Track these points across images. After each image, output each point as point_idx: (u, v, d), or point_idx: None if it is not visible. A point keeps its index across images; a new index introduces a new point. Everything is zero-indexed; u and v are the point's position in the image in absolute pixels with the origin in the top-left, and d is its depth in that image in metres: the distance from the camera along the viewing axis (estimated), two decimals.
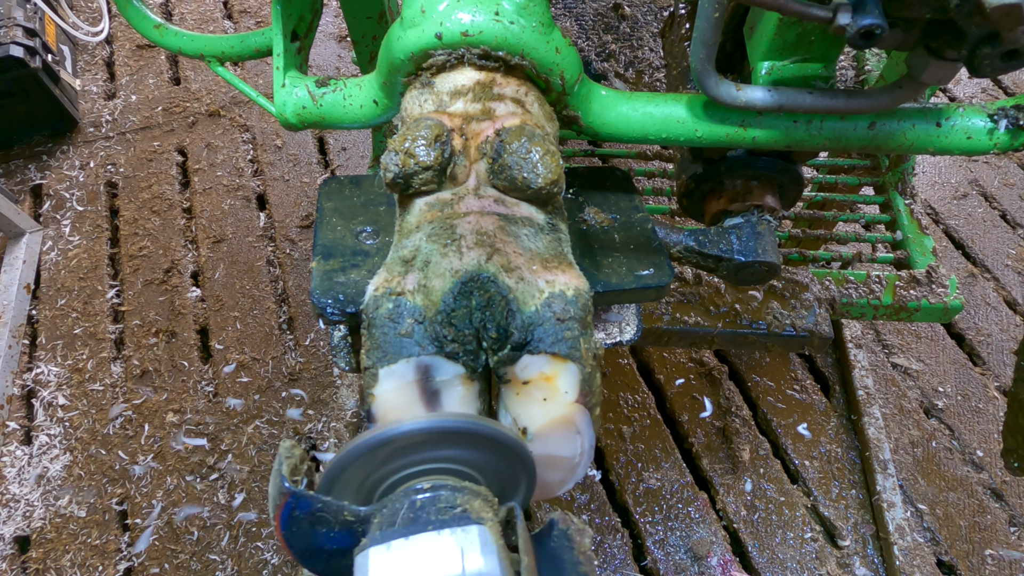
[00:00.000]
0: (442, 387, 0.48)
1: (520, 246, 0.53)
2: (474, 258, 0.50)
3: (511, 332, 0.48)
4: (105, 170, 1.93)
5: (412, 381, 0.48)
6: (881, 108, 0.65)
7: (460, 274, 0.49)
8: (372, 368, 0.49)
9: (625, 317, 0.64)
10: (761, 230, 0.78)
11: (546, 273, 0.52)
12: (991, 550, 1.40)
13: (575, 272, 0.53)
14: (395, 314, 0.49)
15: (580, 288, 0.52)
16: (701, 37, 0.60)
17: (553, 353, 0.48)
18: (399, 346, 0.48)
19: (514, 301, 0.49)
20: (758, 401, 1.55)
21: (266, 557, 1.36)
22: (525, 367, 0.49)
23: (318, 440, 1.50)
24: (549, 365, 0.49)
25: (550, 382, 0.49)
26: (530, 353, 0.48)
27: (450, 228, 0.53)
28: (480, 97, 0.59)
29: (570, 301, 0.50)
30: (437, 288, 0.49)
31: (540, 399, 0.49)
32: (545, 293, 0.50)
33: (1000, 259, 1.80)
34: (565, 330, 0.49)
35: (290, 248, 1.79)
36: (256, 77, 2.14)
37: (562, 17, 2.10)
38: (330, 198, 0.67)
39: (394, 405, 0.48)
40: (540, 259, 0.53)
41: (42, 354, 1.63)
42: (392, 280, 0.51)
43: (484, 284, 0.49)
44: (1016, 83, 2.17)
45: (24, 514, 1.42)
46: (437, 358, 0.48)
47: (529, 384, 0.49)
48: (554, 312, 0.49)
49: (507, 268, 0.50)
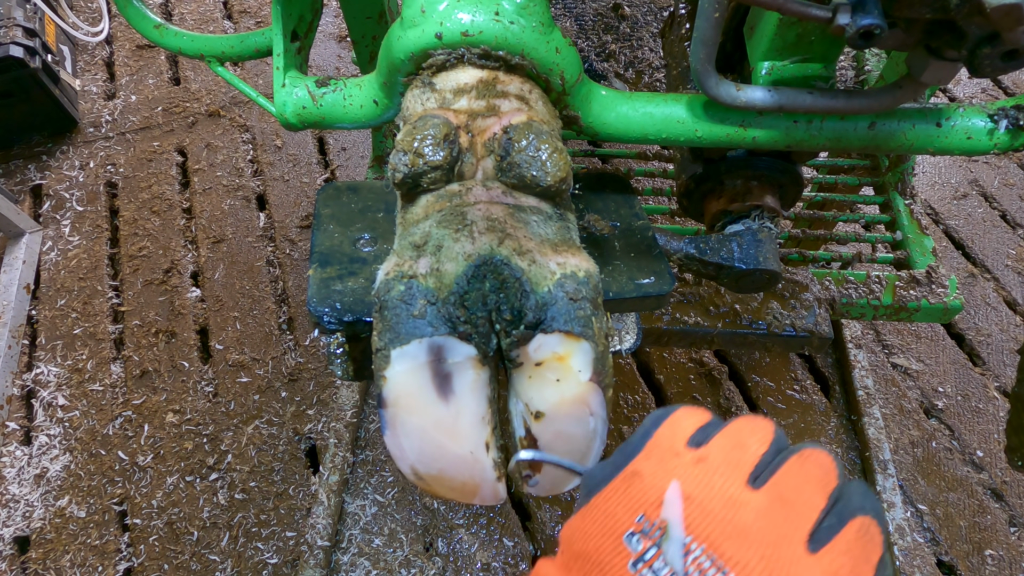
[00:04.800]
0: (454, 370, 0.48)
1: (530, 231, 0.53)
2: (486, 242, 0.50)
3: (525, 312, 0.48)
4: (105, 170, 1.93)
5: (424, 363, 0.48)
6: (881, 108, 0.65)
7: (473, 257, 0.49)
8: (384, 350, 0.48)
9: (625, 325, 0.64)
10: (762, 238, 0.78)
11: (557, 256, 0.52)
12: (991, 550, 1.40)
13: (584, 255, 0.53)
14: (407, 295, 0.49)
15: (590, 270, 0.52)
16: (701, 37, 0.60)
17: (567, 331, 0.48)
18: (411, 327, 0.48)
19: (527, 282, 0.49)
20: (758, 401, 1.55)
21: (266, 557, 1.36)
22: (538, 347, 0.49)
23: (318, 440, 1.50)
24: (562, 344, 0.48)
25: (563, 362, 0.49)
26: (543, 332, 0.48)
27: (461, 215, 0.53)
28: (484, 94, 0.59)
29: (582, 282, 0.50)
30: (450, 271, 0.49)
31: (553, 380, 0.49)
32: (557, 274, 0.50)
33: (1000, 259, 1.80)
34: (578, 309, 0.49)
35: (290, 248, 1.79)
36: (256, 77, 2.14)
37: (562, 17, 2.10)
38: (328, 204, 0.67)
39: (406, 388, 0.48)
40: (550, 243, 0.53)
41: (42, 354, 1.63)
42: (404, 264, 0.51)
43: (497, 267, 0.49)
44: (1016, 83, 2.17)
45: (24, 514, 1.42)
46: (450, 339, 0.48)
47: (542, 365, 0.49)
48: (566, 292, 0.49)
49: (519, 251, 0.50)
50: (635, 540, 0.35)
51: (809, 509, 0.35)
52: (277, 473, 1.46)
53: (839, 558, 0.34)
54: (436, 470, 0.49)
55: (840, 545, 0.34)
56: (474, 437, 0.49)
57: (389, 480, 1.45)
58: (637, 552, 0.34)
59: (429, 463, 0.49)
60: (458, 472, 0.49)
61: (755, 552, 0.33)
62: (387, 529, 1.39)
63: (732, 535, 0.34)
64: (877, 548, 0.35)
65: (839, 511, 0.36)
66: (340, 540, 1.38)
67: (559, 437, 0.50)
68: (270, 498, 1.43)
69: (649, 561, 0.34)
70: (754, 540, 0.34)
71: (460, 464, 0.49)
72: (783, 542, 0.34)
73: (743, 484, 0.36)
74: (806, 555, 0.34)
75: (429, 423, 0.48)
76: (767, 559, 0.33)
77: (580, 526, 0.38)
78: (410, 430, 0.48)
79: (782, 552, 0.33)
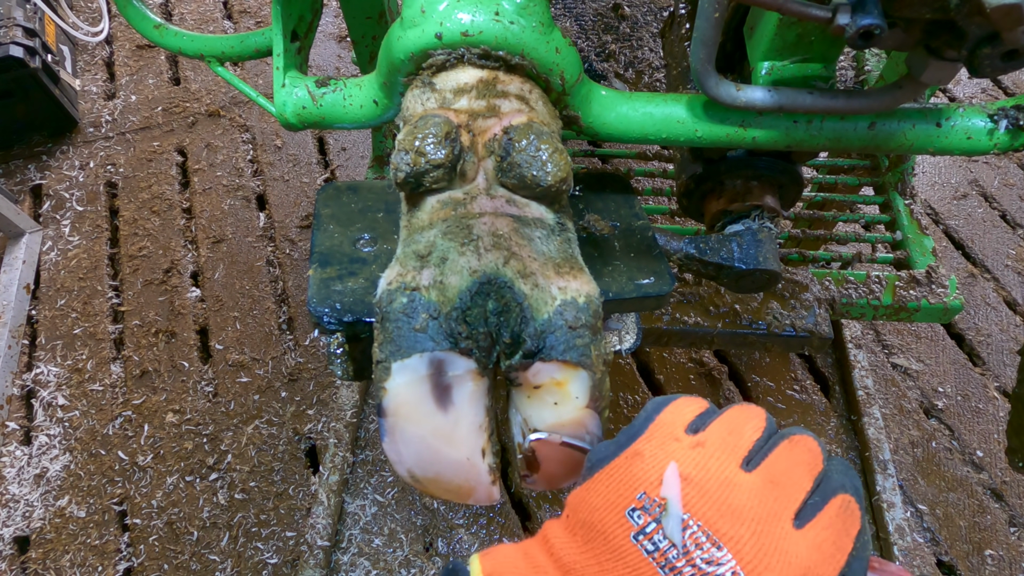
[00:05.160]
0: (454, 382, 0.48)
1: (534, 250, 0.54)
2: (491, 260, 0.50)
3: (524, 340, 0.49)
4: (105, 170, 1.93)
5: (425, 376, 0.48)
6: (881, 108, 0.65)
7: (478, 274, 0.49)
8: (385, 362, 0.48)
9: (625, 325, 0.64)
10: (762, 238, 0.78)
11: (559, 279, 0.52)
12: (991, 550, 1.40)
13: (586, 277, 0.54)
14: (409, 308, 0.49)
15: (591, 295, 0.52)
16: (701, 37, 0.60)
17: (564, 361, 0.49)
18: (413, 341, 0.48)
19: (528, 309, 0.49)
20: (758, 401, 1.55)
21: (266, 557, 1.36)
22: (537, 373, 0.49)
23: (318, 440, 1.50)
24: (560, 372, 0.49)
25: (561, 388, 0.49)
26: (542, 360, 0.49)
27: (467, 228, 0.53)
28: (484, 94, 0.59)
29: (581, 308, 0.51)
30: (454, 285, 0.49)
31: (551, 403, 0.50)
32: (557, 300, 0.51)
33: (1000, 259, 1.80)
34: (576, 338, 0.49)
35: (290, 248, 1.79)
36: (256, 77, 2.14)
37: (562, 17, 2.10)
38: (327, 204, 0.67)
39: (406, 399, 0.48)
40: (553, 264, 0.54)
41: (42, 354, 1.63)
42: (407, 274, 0.51)
43: (501, 289, 0.49)
44: (1016, 83, 2.17)
45: (24, 514, 1.42)
46: (451, 354, 0.48)
47: (540, 388, 0.49)
48: (566, 320, 0.50)
49: (523, 274, 0.51)
50: (636, 515, 0.39)
51: (797, 490, 0.39)
52: (277, 473, 1.46)
53: (822, 532, 0.38)
54: (433, 474, 0.50)
55: (823, 521, 0.38)
56: (471, 444, 0.49)
57: (389, 480, 1.45)
58: (639, 526, 0.38)
59: (426, 467, 0.50)
60: (454, 476, 0.50)
61: (747, 528, 0.37)
62: (387, 529, 1.39)
63: (726, 513, 0.37)
64: (856, 522, 0.39)
65: (823, 490, 0.40)
66: (340, 540, 1.38)
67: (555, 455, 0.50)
68: (270, 498, 1.43)
69: (649, 534, 0.38)
70: (746, 518, 0.37)
71: (456, 468, 0.50)
72: (772, 519, 0.38)
73: (737, 467, 0.39)
74: (793, 531, 0.38)
75: (428, 432, 0.48)
76: (758, 534, 0.37)
77: (586, 498, 0.41)
78: (409, 438, 0.49)
79: (771, 528, 0.37)
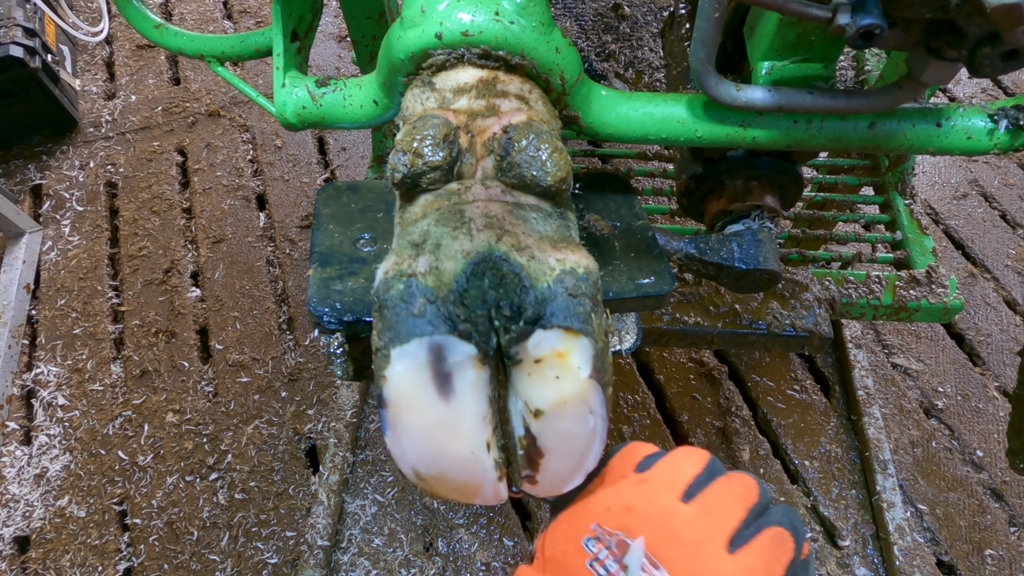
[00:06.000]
0: (454, 369, 0.48)
1: (529, 228, 0.53)
2: (484, 239, 0.50)
3: (524, 308, 0.48)
4: (105, 170, 1.93)
5: (425, 362, 0.47)
6: (881, 108, 0.65)
7: (472, 255, 0.49)
8: (384, 349, 0.48)
9: (625, 325, 0.64)
10: (762, 238, 0.78)
11: (556, 252, 0.52)
12: (991, 550, 1.40)
13: (584, 252, 0.53)
14: (407, 294, 0.49)
15: (590, 267, 0.52)
16: (701, 37, 0.60)
17: (566, 327, 0.48)
18: (411, 326, 0.48)
19: (527, 277, 0.49)
20: (758, 401, 1.55)
21: (266, 557, 1.36)
22: (538, 343, 0.48)
23: (318, 440, 1.50)
24: (561, 340, 0.48)
25: (562, 359, 0.48)
26: (542, 328, 0.48)
27: (459, 212, 0.53)
28: (484, 94, 0.59)
29: (581, 278, 0.50)
30: (449, 270, 0.49)
31: (552, 377, 0.48)
32: (556, 270, 0.50)
33: (1000, 259, 1.80)
34: (577, 305, 0.49)
35: (290, 248, 1.79)
36: (256, 77, 2.14)
37: (562, 17, 2.10)
38: (327, 204, 0.67)
39: (407, 388, 0.48)
40: (549, 240, 0.53)
41: (42, 354, 1.63)
42: (403, 263, 0.51)
43: (496, 263, 0.49)
44: (1016, 83, 2.17)
45: (24, 514, 1.42)
46: (450, 338, 0.48)
47: (541, 362, 0.49)
48: (566, 287, 0.49)
49: (518, 248, 0.50)
50: (591, 544, 0.44)
51: (730, 518, 0.44)
52: (277, 473, 1.46)
53: (752, 558, 0.42)
54: (437, 471, 0.49)
55: (754, 547, 0.42)
56: (475, 437, 0.49)
57: (389, 480, 1.45)
58: (592, 553, 0.43)
59: (430, 464, 0.49)
60: (459, 472, 0.49)
61: (682, 551, 0.41)
62: (387, 529, 1.39)
63: (664, 538, 0.42)
64: (788, 552, 0.43)
65: (759, 523, 0.44)
66: (340, 540, 1.38)
67: (559, 435, 0.50)
68: (270, 498, 1.43)
69: (601, 561, 0.43)
70: (683, 542, 0.42)
71: (461, 464, 0.49)
72: (707, 544, 0.42)
73: (677, 499, 0.44)
74: (725, 554, 0.42)
75: (430, 423, 0.48)
76: (691, 557, 0.41)
77: (550, 535, 0.47)
78: (411, 430, 0.48)
79: (705, 552, 0.42)
